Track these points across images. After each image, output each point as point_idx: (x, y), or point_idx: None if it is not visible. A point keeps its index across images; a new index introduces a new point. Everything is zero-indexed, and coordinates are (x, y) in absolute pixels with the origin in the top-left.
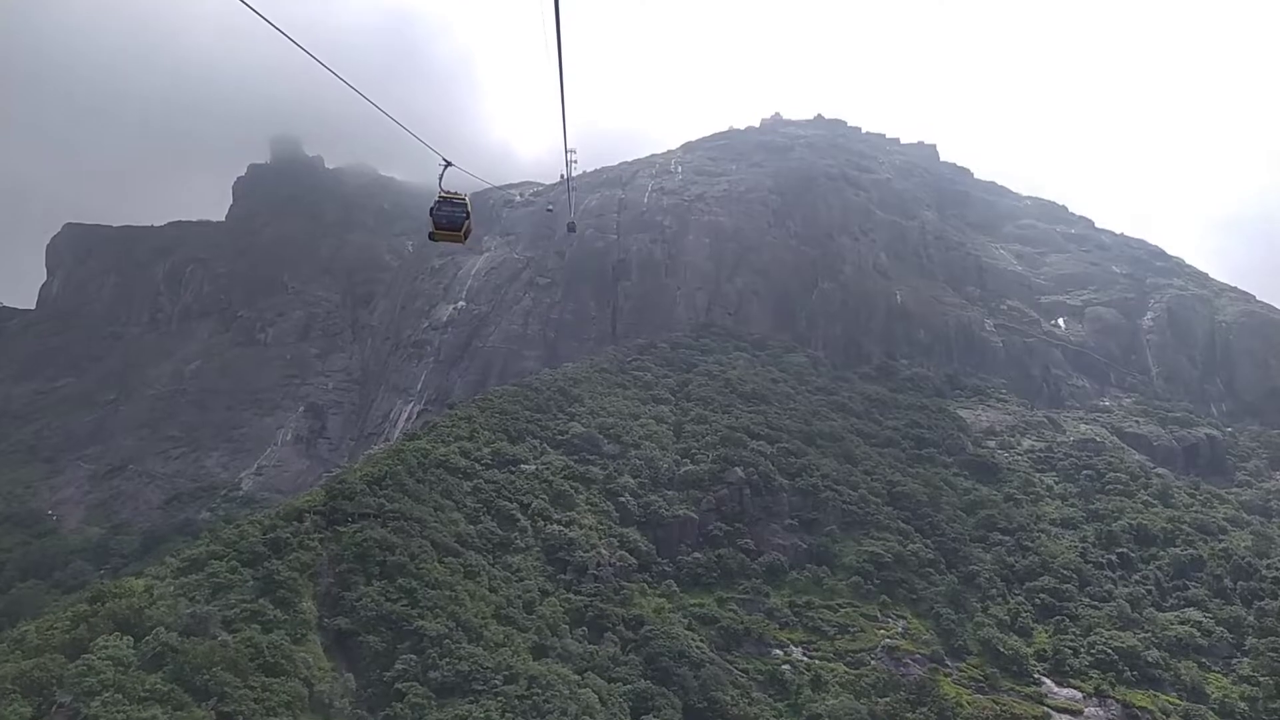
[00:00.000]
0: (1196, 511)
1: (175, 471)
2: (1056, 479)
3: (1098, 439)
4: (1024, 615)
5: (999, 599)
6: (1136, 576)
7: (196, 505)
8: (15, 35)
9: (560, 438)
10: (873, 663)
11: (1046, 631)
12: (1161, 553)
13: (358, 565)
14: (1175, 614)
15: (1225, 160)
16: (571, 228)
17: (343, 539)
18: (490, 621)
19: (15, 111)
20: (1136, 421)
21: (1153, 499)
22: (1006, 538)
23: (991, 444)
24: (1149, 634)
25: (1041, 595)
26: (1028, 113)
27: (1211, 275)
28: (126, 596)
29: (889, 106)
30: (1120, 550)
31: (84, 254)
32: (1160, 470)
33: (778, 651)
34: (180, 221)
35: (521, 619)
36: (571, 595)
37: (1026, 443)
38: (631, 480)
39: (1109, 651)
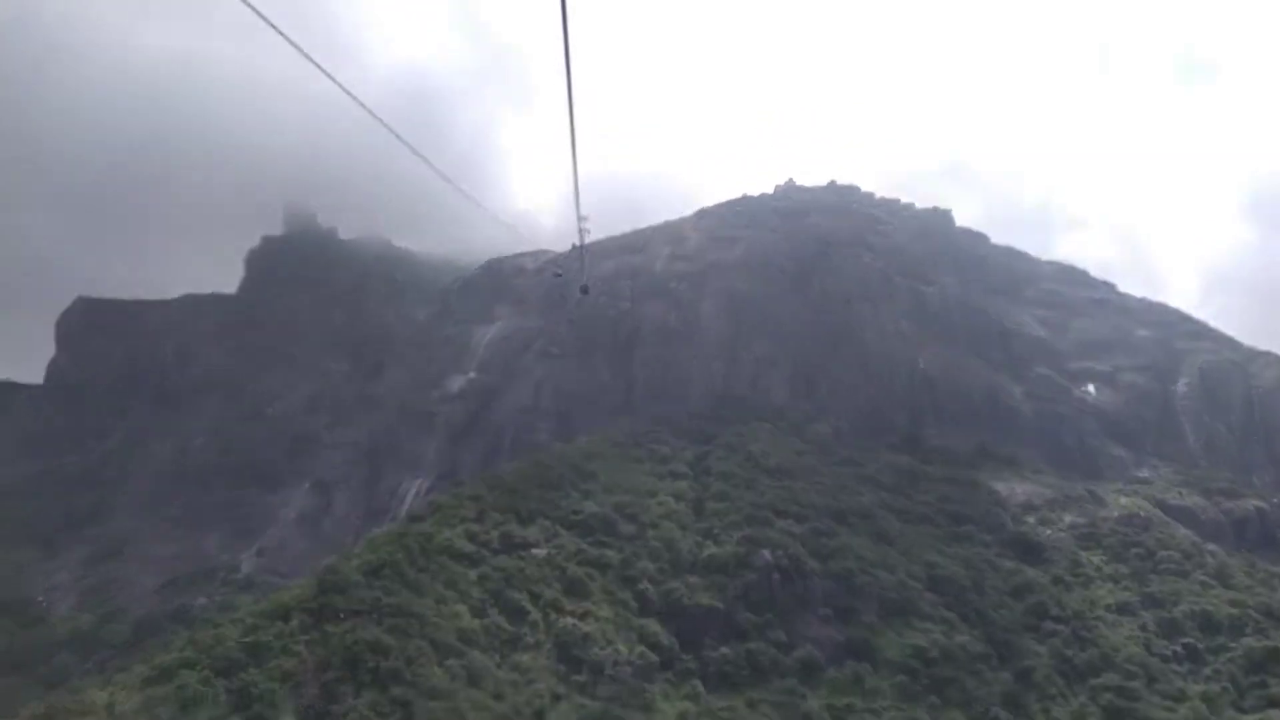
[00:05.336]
0: (1259, 594)
1: (173, 554)
2: (1105, 558)
3: (1142, 513)
4: (1090, 718)
5: (1059, 699)
6: (1208, 671)
7: (193, 590)
8: (34, 108)
9: (574, 518)
10: None
11: None
12: (1232, 644)
13: (347, 672)
14: (1258, 715)
15: (1209, 215)
16: (584, 290)
17: (331, 641)
18: None
19: (31, 185)
20: (1179, 493)
21: (1210, 579)
22: (1061, 626)
23: (1031, 520)
24: None
25: (1107, 694)
26: (1036, 178)
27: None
28: (82, 715)
29: (900, 173)
30: (1185, 640)
31: (94, 328)
32: (1211, 547)
33: None
34: (192, 294)
35: None
36: (587, 700)
37: (1068, 518)
38: (650, 565)
39: None
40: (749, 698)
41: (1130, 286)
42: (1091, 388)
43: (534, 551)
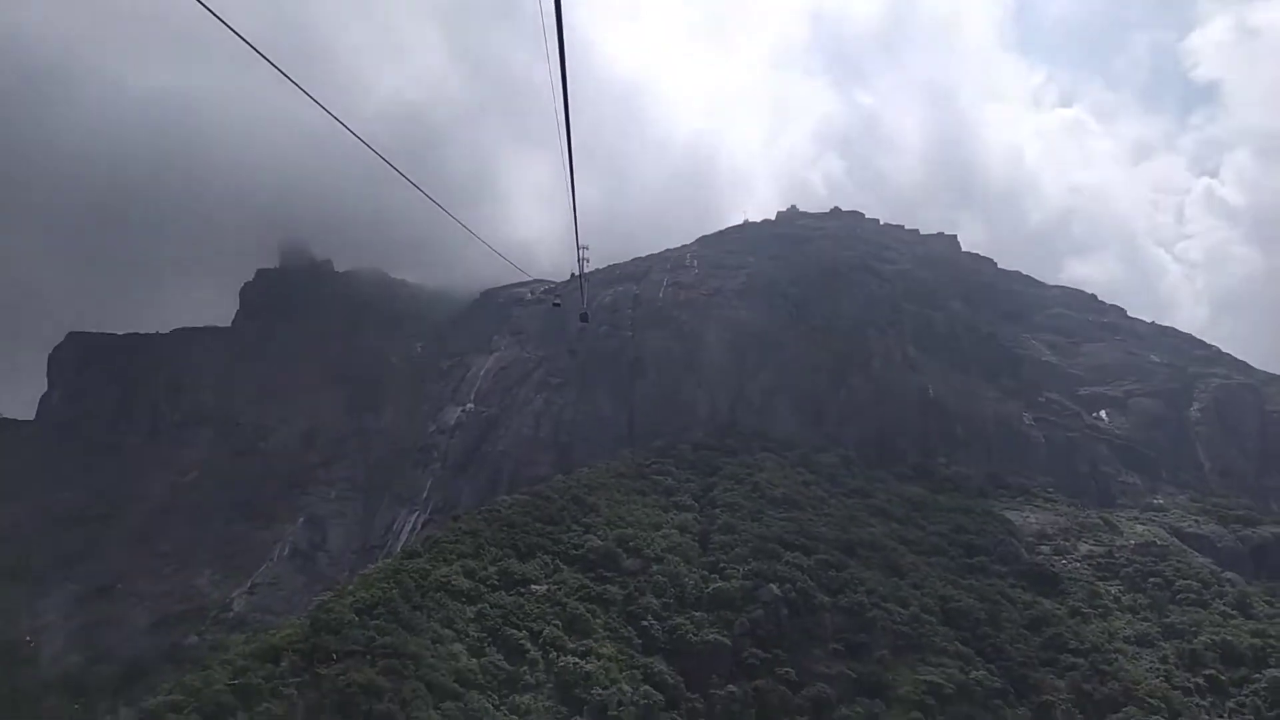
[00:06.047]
0: None
1: (165, 591)
2: (1122, 588)
3: (1159, 542)
4: None
5: None
6: (1231, 704)
7: (184, 629)
8: (25, 144)
9: (575, 553)
10: None
11: None
12: (1255, 675)
13: (340, 716)
14: None
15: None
16: (584, 318)
17: (323, 684)
18: None
19: (22, 217)
20: (1196, 521)
21: (1230, 609)
22: (1080, 660)
23: (1046, 550)
24: None
25: None
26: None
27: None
28: None
29: (905, 198)
30: (1207, 672)
31: (86, 363)
32: (1229, 575)
33: None
34: (185, 329)
35: None
36: None
37: (1084, 548)
38: (655, 600)
39: None
40: None
41: (1139, 311)
42: (1104, 414)
43: (533, 588)
